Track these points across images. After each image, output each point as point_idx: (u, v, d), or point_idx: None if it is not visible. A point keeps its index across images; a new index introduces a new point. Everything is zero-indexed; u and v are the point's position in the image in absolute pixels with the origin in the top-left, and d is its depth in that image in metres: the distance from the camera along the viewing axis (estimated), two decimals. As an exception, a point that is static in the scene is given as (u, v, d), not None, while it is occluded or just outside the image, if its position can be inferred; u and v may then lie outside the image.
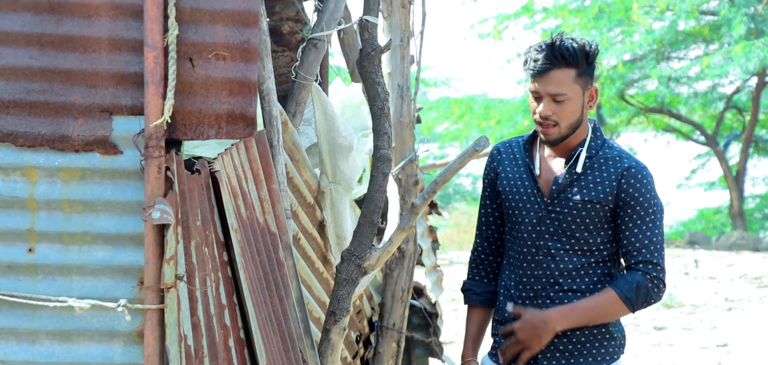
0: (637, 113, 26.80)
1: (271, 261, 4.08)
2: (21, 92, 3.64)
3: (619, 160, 4.14)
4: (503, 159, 4.32)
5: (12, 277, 3.66)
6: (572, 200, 4.14)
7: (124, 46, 3.65)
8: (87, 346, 3.68)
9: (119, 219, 3.67)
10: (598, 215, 4.13)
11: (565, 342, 4.18)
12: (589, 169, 4.15)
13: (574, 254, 4.16)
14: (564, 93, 4.07)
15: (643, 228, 4.11)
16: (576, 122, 4.13)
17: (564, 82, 4.07)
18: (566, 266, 4.17)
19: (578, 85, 4.09)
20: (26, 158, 3.65)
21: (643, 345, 12.91)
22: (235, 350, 3.91)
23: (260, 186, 4.13)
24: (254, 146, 4.10)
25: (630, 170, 4.12)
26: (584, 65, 4.08)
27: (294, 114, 5.19)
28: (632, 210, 4.11)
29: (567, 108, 4.09)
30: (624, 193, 4.11)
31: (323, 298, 5.82)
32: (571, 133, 4.14)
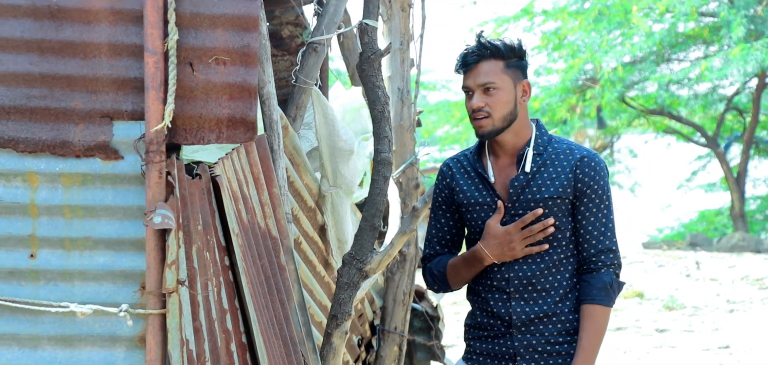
0: (638, 115, 26.78)
1: (272, 266, 4.08)
2: (22, 98, 3.65)
3: (570, 152, 4.20)
4: (455, 174, 4.33)
5: (14, 283, 3.66)
6: (533, 199, 4.16)
7: (125, 52, 3.66)
8: (89, 351, 3.68)
9: (120, 224, 3.67)
10: (560, 210, 4.16)
11: (544, 343, 4.18)
12: (543, 166, 4.18)
13: (545, 253, 4.18)
14: (493, 81, 4.15)
15: (600, 217, 4.17)
16: (509, 113, 4.17)
17: (492, 72, 4.15)
18: (538, 267, 4.18)
19: (508, 77, 4.16)
20: (27, 163, 3.65)
21: (644, 346, 12.90)
22: (238, 354, 3.92)
23: (261, 190, 4.13)
24: (255, 151, 4.10)
25: (584, 160, 4.17)
26: (512, 57, 4.17)
27: (294, 118, 5.20)
28: (589, 199, 4.16)
29: (498, 98, 4.15)
30: (580, 183, 4.16)
31: (325, 302, 5.82)
32: (505, 125, 4.18)
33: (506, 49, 4.16)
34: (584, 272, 4.19)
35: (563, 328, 4.18)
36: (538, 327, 4.20)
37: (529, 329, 4.20)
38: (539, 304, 4.18)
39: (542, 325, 4.19)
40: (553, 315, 4.19)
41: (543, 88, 26.48)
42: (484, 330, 4.29)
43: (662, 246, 23.33)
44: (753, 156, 27.57)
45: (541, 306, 4.18)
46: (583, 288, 4.18)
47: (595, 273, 4.16)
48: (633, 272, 18.93)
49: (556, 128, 25.28)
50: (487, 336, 4.28)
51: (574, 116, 26.06)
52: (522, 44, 4.21)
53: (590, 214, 4.17)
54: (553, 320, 4.19)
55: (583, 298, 4.17)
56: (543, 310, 4.18)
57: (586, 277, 4.18)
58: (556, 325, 4.19)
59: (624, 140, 29.82)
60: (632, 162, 29.97)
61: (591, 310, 4.14)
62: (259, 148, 4.17)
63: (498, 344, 4.25)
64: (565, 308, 4.18)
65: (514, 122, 4.19)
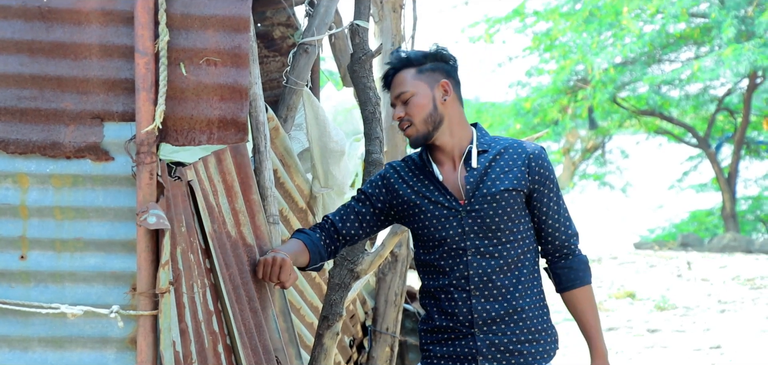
0: (629, 115, 26.82)
1: (242, 274, 4.06)
2: (12, 99, 3.64)
3: (517, 146, 4.25)
4: (402, 176, 4.34)
5: (4, 284, 3.65)
6: (490, 192, 4.17)
7: (115, 53, 3.65)
8: (80, 353, 3.67)
9: (111, 225, 3.66)
10: (516, 203, 4.18)
11: (507, 342, 4.18)
12: (493, 161, 4.21)
13: (503, 248, 4.18)
14: (406, 90, 4.19)
15: (560, 207, 4.26)
16: (428, 115, 4.18)
17: (405, 82, 4.20)
18: (498, 263, 4.18)
19: (421, 82, 4.19)
20: (17, 165, 3.64)
21: (636, 347, 12.91)
22: (224, 356, 3.91)
23: (234, 199, 4.11)
24: (228, 158, 4.08)
25: (535, 153, 4.23)
26: (423, 62, 4.21)
27: (285, 119, 5.19)
28: (547, 191, 4.23)
29: (414, 103, 4.18)
30: (537, 175, 4.21)
31: (316, 303, 5.82)
32: (430, 128, 4.20)
33: (416, 56, 4.22)
34: (560, 258, 4.26)
35: (525, 327, 4.19)
36: (500, 326, 4.18)
37: (491, 328, 4.19)
38: (500, 301, 4.17)
39: (504, 324, 4.18)
40: (515, 313, 4.18)
41: (534, 88, 26.52)
42: (443, 333, 4.27)
43: (654, 247, 23.37)
44: (744, 156, 27.63)
45: (501, 304, 4.17)
46: (566, 275, 4.26)
47: (572, 257, 4.26)
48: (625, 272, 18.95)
49: (548, 129, 25.29)
50: (446, 339, 4.26)
51: (565, 117, 26.09)
52: (438, 48, 4.25)
53: (552, 204, 4.23)
54: (514, 319, 4.18)
55: (572, 284, 4.25)
56: (504, 308, 4.17)
57: (565, 263, 4.26)
58: (517, 324, 4.18)
59: (615, 141, 29.86)
60: (624, 163, 30.02)
61: (584, 292, 4.25)
62: (236, 155, 4.15)
63: (458, 346, 4.23)
64: (526, 305, 4.18)
65: (443, 123, 4.20)
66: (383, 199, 4.34)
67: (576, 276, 4.24)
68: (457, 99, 4.25)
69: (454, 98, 4.23)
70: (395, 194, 4.32)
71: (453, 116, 4.22)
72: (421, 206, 4.26)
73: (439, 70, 4.22)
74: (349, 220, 4.38)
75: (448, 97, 4.20)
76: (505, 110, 27.74)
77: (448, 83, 4.20)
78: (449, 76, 4.23)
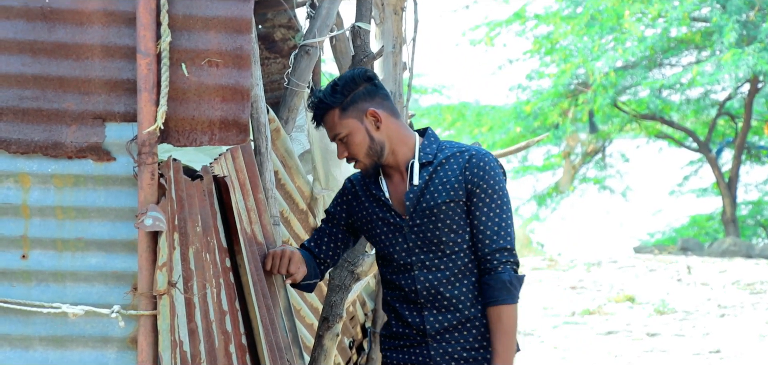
0: (630, 119, 26.81)
1: (258, 271, 4.08)
2: (14, 99, 3.64)
3: (460, 154, 4.18)
4: (358, 192, 4.35)
5: (5, 283, 3.66)
6: (428, 207, 4.15)
7: (117, 53, 3.66)
8: (81, 352, 3.68)
9: (112, 225, 3.67)
10: (456, 214, 4.13)
11: (461, 350, 4.18)
12: (434, 174, 4.16)
13: (448, 259, 4.16)
14: (339, 133, 4.17)
15: (492, 216, 4.13)
16: (369, 149, 4.16)
17: (335, 124, 4.17)
18: (444, 274, 4.17)
19: (350, 118, 4.14)
20: (19, 164, 3.65)
21: (635, 351, 12.91)
22: (237, 356, 3.92)
23: (247, 196, 4.14)
24: (241, 156, 4.10)
25: (472, 159, 4.14)
26: (342, 99, 4.14)
27: (286, 121, 5.20)
28: (479, 198, 4.13)
29: (353, 142, 4.16)
30: (470, 183, 4.13)
31: (316, 304, 5.83)
32: (377, 158, 4.18)
33: (333, 98, 4.14)
34: (482, 273, 4.15)
35: (478, 333, 4.18)
36: (452, 334, 4.19)
37: (443, 337, 4.20)
38: (452, 312, 4.18)
39: (457, 333, 4.19)
40: (467, 322, 4.18)
41: (535, 92, 26.52)
42: (399, 339, 4.30)
43: (653, 251, 23.37)
44: (745, 161, 27.61)
45: (453, 314, 4.18)
46: (484, 291, 4.14)
47: (493, 273, 4.11)
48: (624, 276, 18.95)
49: (548, 132, 25.29)
50: (402, 346, 4.29)
51: (566, 121, 26.09)
52: (352, 73, 4.17)
53: (481, 213, 4.13)
54: (467, 326, 4.18)
55: (487, 301, 4.13)
56: (456, 318, 4.18)
57: (485, 279, 4.14)
58: (470, 331, 4.18)
59: (616, 145, 29.85)
60: (624, 167, 30.02)
61: (497, 312, 4.10)
62: (244, 154, 4.18)
63: (414, 353, 4.25)
64: (477, 313, 4.17)
65: (386, 147, 4.17)
66: (345, 216, 4.38)
67: (491, 294, 4.12)
68: (391, 115, 4.19)
69: (387, 117, 4.17)
70: (351, 211, 4.36)
71: (392, 135, 4.18)
72: (371, 223, 4.30)
73: (361, 97, 4.15)
74: (323, 243, 4.43)
75: (381, 123, 4.14)
76: (506, 113, 27.73)
77: (374, 110, 4.13)
78: (373, 98, 4.15)
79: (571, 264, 21.36)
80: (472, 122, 28.56)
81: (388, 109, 4.18)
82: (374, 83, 4.18)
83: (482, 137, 27.29)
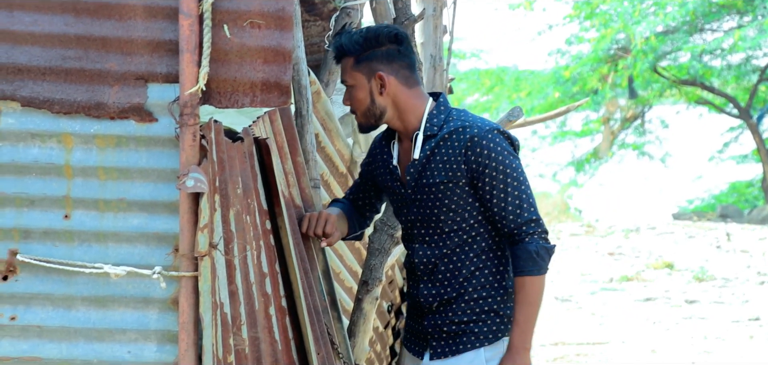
0: (670, 85, 26.62)
1: (295, 234, 4.08)
2: (57, 59, 3.65)
3: (462, 131, 4.06)
4: (377, 153, 4.33)
5: (48, 243, 3.68)
6: (427, 184, 4.10)
7: (160, 14, 3.65)
8: (122, 312, 3.69)
9: (154, 186, 3.67)
10: (455, 194, 4.07)
11: (449, 323, 4.16)
12: (436, 148, 4.08)
13: (447, 237, 4.12)
14: (346, 80, 4.12)
15: (508, 194, 4.03)
16: (367, 110, 4.11)
17: (345, 70, 4.11)
18: (441, 251, 4.14)
19: (359, 73, 4.08)
20: (62, 124, 3.66)
21: (674, 317, 12.88)
22: (276, 318, 3.92)
23: (285, 159, 4.13)
24: (279, 119, 4.09)
25: (474, 140, 4.02)
26: (360, 52, 4.07)
27: (327, 83, 5.19)
28: (489, 180, 4.03)
29: (355, 96, 4.11)
30: (474, 164, 4.03)
31: (355, 268, 5.83)
32: (372, 121, 4.13)
33: (352, 46, 4.07)
34: (511, 245, 4.09)
35: (468, 308, 4.14)
36: (446, 309, 4.17)
37: (438, 310, 4.18)
38: (445, 286, 4.16)
39: (449, 308, 4.16)
40: (459, 297, 4.14)
41: (574, 57, 26.38)
42: (410, 308, 4.34)
43: (692, 217, 23.28)
44: (786, 128, 27.38)
45: (445, 289, 4.15)
46: (513, 262, 4.09)
47: (520, 244, 4.03)
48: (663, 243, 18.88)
49: (588, 98, 25.17)
50: (412, 315, 4.33)
51: (605, 86, 25.95)
52: (380, 29, 4.11)
53: (494, 195, 4.04)
54: (457, 301, 4.14)
55: (514, 272, 4.08)
56: (447, 293, 4.15)
57: (513, 250, 4.07)
58: (460, 305, 4.14)
59: (655, 111, 29.69)
60: (663, 133, 29.83)
61: (521, 283, 4.03)
62: (283, 117, 4.17)
63: (418, 323, 4.27)
64: (470, 287, 4.13)
65: (386, 114, 4.12)
66: (371, 173, 4.37)
67: (517, 264, 4.05)
68: (402, 83, 4.11)
69: (396, 84, 4.09)
70: (372, 170, 4.35)
71: (398, 102, 4.11)
72: (384, 186, 4.31)
73: (377, 58, 4.08)
74: (361, 191, 4.46)
75: (385, 88, 4.07)
76: (545, 78, 27.61)
77: (383, 75, 4.06)
78: (390, 62, 4.09)
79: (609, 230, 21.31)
80: (510, 87, 28.45)
81: (402, 77, 4.11)
82: (399, 48, 4.10)
83: (520, 102, 27.18)
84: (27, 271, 3.69)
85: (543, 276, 4.05)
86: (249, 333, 3.78)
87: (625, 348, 11.68)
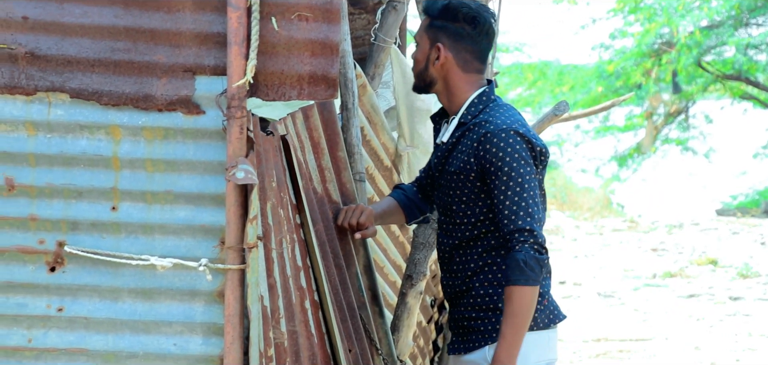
0: (714, 80, 26.42)
1: (328, 230, 4.08)
2: (106, 51, 3.66)
3: (481, 125, 4.02)
4: (434, 127, 4.33)
5: (96, 235, 3.69)
6: (447, 171, 4.10)
7: (208, 6, 3.65)
8: (168, 305, 3.70)
9: (201, 179, 3.67)
10: (466, 186, 4.04)
11: (460, 317, 4.15)
12: (462, 137, 4.07)
13: (458, 228, 4.10)
14: (415, 36, 4.16)
15: (507, 196, 3.96)
16: (419, 74, 4.13)
17: (420, 27, 4.14)
18: (452, 242, 4.13)
19: (426, 35, 4.10)
20: (110, 116, 3.66)
21: (717, 314, 12.80)
22: (311, 312, 3.93)
23: (321, 155, 4.13)
24: (316, 114, 4.09)
25: (486, 136, 3.98)
26: (435, 16, 4.07)
27: (373, 77, 5.19)
28: (494, 178, 3.98)
29: (415, 55, 4.15)
30: (483, 160, 3.99)
31: (399, 262, 5.83)
32: (422, 84, 4.15)
33: (431, 7, 4.09)
34: (504, 251, 4.03)
35: (475, 304, 4.11)
36: (457, 301, 4.16)
37: (452, 302, 4.19)
38: (455, 279, 4.15)
39: (460, 301, 4.15)
40: (467, 291, 4.12)
41: (618, 51, 26.24)
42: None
43: (736, 213, 23.13)
44: (832, 124, 27.12)
45: (456, 281, 4.15)
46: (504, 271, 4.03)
47: (510, 252, 3.96)
48: (706, 239, 18.76)
49: (632, 92, 25.03)
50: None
51: (649, 81, 25.82)
52: (458, 9, 4.06)
53: (498, 193, 3.98)
54: (467, 296, 4.13)
55: (504, 279, 4.01)
56: (458, 285, 4.14)
57: (505, 257, 4.02)
58: (468, 300, 4.12)
59: (699, 106, 29.49)
60: (707, 128, 29.63)
61: (508, 293, 3.96)
62: (324, 111, 4.16)
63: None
64: (476, 282, 4.10)
65: (435, 85, 4.12)
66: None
67: (506, 272, 3.98)
68: (460, 66, 4.09)
69: (452, 63, 4.08)
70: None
71: (448, 80, 4.11)
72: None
73: (445, 31, 4.08)
74: (425, 173, 4.46)
75: (439, 61, 4.07)
76: (588, 72, 27.49)
77: (441, 48, 4.06)
78: (456, 40, 4.07)
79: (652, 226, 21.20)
80: (553, 81, 28.35)
81: (461, 58, 4.09)
82: (472, 30, 4.08)
83: (563, 96, 27.02)
84: (74, 263, 3.70)
85: (531, 288, 3.95)
86: (287, 327, 3.79)
87: (668, 345, 11.61)
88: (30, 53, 3.65)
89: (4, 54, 3.65)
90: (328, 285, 4.02)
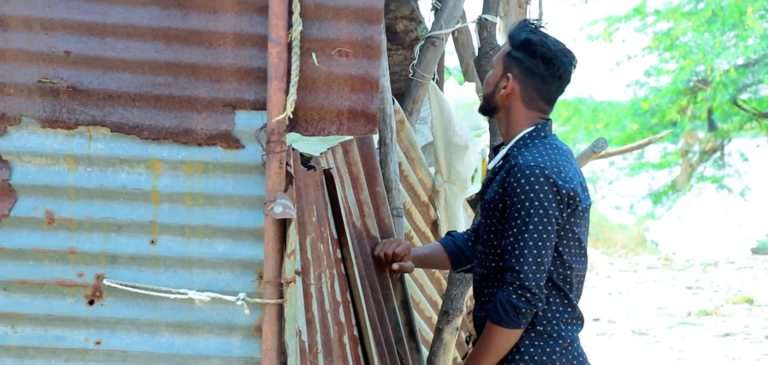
0: (750, 118, 26.28)
1: (367, 265, 4.08)
2: (147, 86, 3.68)
3: (516, 158, 4.00)
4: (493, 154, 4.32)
5: (134, 268, 3.70)
6: (484, 200, 4.11)
7: (249, 42, 3.67)
8: (206, 339, 3.70)
9: (240, 213, 3.68)
10: (495, 216, 4.02)
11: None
12: (500, 168, 4.06)
13: (488, 258, 4.07)
14: (493, 61, 4.17)
15: (511, 232, 3.93)
16: (487, 97, 4.13)
17: (501, 51, 4.14)
18: (483, 272, 4.10)
19: (502, 63, 4.09)
20: (151, 150, 3.68)
21: (754, 353, 12.68)
22: (350, 347, 3.92)
23: (360, 190, 4.14)
24: (355, 149, 4.10)
25: (512, 169, 3.96)
26: (517, 47, 4.06)
27: (411, 112, 5.19)
28: (509, 211, 3.95)
29: (488, 77, 4.15)
30: (504, 193, 3.97)
31: (435, 298, 5.81)
32: (486, 108, 4.16)
33: (513, 39, 4.08)
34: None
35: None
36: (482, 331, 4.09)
37: (479, 333, 4.12)
38: (482, 309, 4.11)
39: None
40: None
41: (653, 89, 26.14)
42: None
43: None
44: None
45: (481, 313, 4.10)
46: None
47: (499, 289, 3.96)
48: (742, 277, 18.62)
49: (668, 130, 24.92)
50: None
51: (684, 118, 25.68)
52: (537, 49, 4.03)
53: (507, 227, 3.95)
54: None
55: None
56: (482, 316, 4.09)
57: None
58: None
59: (735, 144, 29.30)
60: (743, 166, 29.42)
61: (486, 326, 3.98)
62: (363, 146, 4.17)
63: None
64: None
65: (498, 112, 4.12)
66: None
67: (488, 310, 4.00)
68: (523, 99, 4.08)
69: (517, 96, 4.07)
70: None
71: (510, 111, 4.10)
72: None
73: (520, 64, 4.06)
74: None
75: (506, 91, 4.06)
76: (623, 109, 27.37)
77: (512, 78, 4.05)
78: (527, 76, 4.05)
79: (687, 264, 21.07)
80: (588, 117, 28.25)
81: (527, 94, 4.07)
82: (545, 71, 4.05)
83: (598, 133, 26.96)
84: (113, 296, 3.71)
85: (504, 330, 3.93)
86: (325, 362, 3.78)
87: (703, 384, 11.52)
88: (72, 87, 3.67)
89: (46, 88, 3.67)
90: (369, 319, 4.01)
